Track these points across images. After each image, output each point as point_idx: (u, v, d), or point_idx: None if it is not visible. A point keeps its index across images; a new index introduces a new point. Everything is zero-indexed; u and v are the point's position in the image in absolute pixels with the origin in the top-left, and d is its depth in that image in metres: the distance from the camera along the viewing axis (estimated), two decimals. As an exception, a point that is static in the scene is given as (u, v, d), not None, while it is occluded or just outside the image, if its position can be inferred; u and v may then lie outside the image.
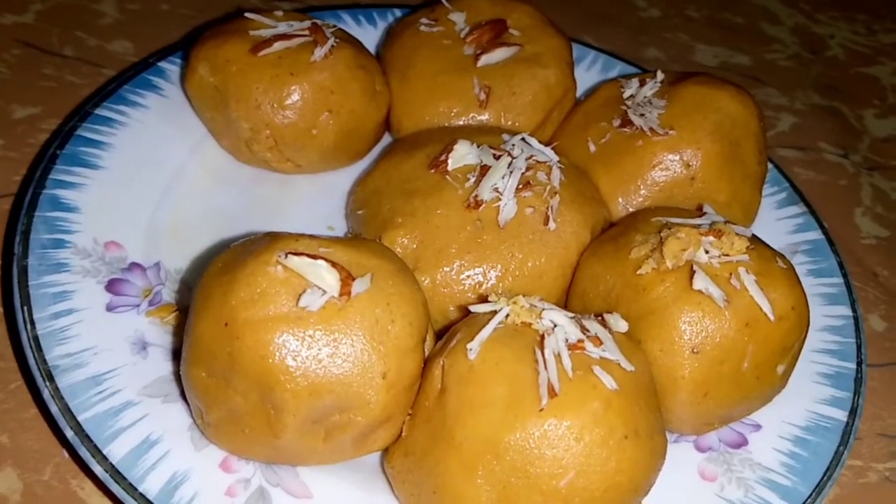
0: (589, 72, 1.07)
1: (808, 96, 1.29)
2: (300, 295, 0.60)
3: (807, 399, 0.77)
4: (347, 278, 0.61)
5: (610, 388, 0.59)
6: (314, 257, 0.61)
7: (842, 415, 0.76)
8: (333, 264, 0.61)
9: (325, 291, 0.60)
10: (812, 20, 1.46)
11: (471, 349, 0.61)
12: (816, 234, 0.93)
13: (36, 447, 0.71)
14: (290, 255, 0.61)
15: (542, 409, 0.58)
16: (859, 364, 0.80)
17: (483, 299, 0.69)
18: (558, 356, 0.60)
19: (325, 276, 0.60)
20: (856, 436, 0.76)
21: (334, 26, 0.90)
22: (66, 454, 0.71)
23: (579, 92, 0.98)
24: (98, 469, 0.62)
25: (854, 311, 0.85)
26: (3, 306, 0.80)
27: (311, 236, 0.64)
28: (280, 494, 0.65)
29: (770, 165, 0.97)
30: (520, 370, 0.60)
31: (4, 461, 0.70)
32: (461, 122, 0.90)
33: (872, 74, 1.37)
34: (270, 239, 0.63)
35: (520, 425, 0.58)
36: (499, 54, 0.93)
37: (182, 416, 0.67)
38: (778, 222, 0.94)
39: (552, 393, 0.58)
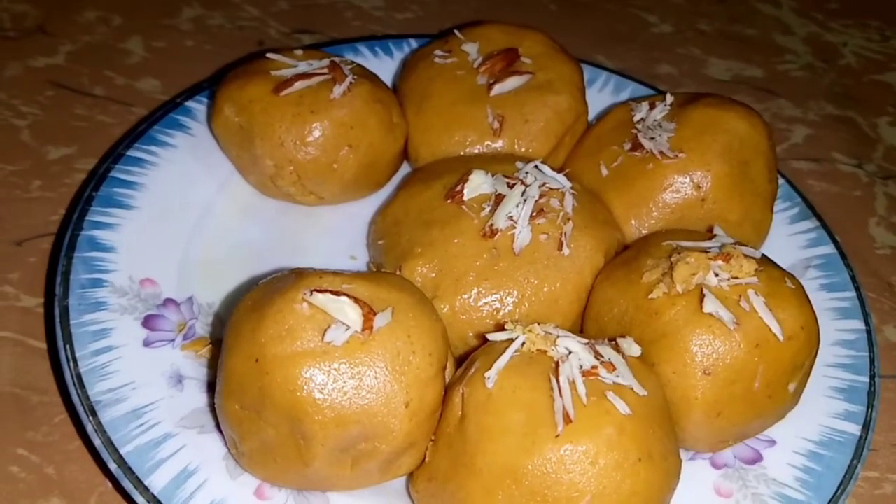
0: (601, 93, 1.10)
1: (822, 106, 1.30)
2: (325, 330, 0.63)
3: (820, 414, 0.79)
4: (370, 313, 0.64)
5: (623, 413, 0.62)
6: (337, 293, 0.64)
7: (855, 428, 0.78)
8: (356, 300, 0.64)
9: (348, 327, 0.63)
10: (825, 28, 1.47)
11: (488, 378, 0.64)
12: (829, 249, 0.94)
13: (81, 478, 0.75)
14: (314, 293, 0.64)
15: (557, 436, 0.60)
16: (872, 378, 0.82)
17: (500, 326, 0.72)
18: (573, 383, 0.63)
19: (348, 312, 0.64)
20: (870, 449, 0.77)
21: (352, 63, 0.94)
22: (109, 484, 0.75)
23: (592, 113, 1.01)
24: (140, 500, 0.66)
25: (867, 324, 0.87)
26: (47, 343, 0.85)
27: (335, 272, 0.68)
28: (312, 519, 0.68)
29: (782, 180, 0.98)
30: (536, 398, 0.63)
31: (51, 491, 0.74)
32: (476, 151, 0.93)
33: (886, 81, 1.37)
34: (296, 277, 0.67)
35: (537, 451, 0.61)
36: (511, 83, 0.95)
37: (217, 446, 0.71)
38: (790, 237, 0.96)
39: (567, 419, 0.61)
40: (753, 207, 0.88)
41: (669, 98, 0.92)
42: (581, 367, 0.64)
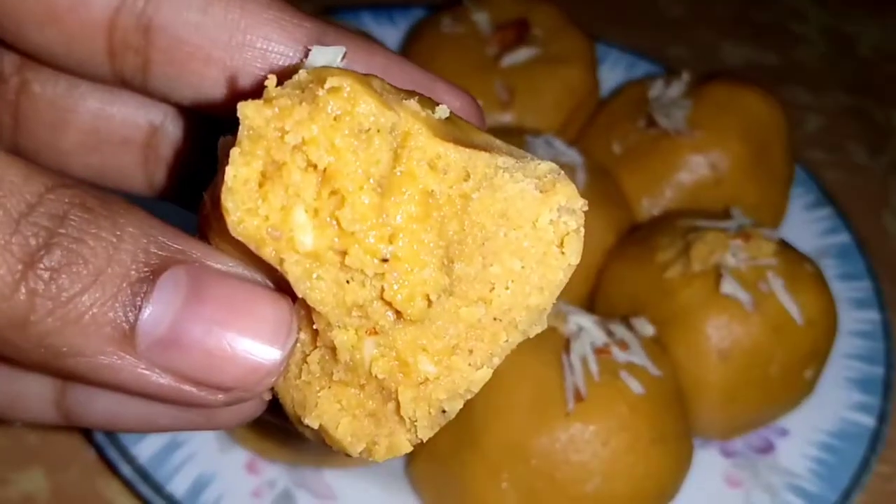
0: (613, 71, 1.07)
1: (836, 96, 1.27)
2: None
3: (834, 404, 0.76)
4: None
5: (637, 393, 0.59)
6: None
7: (870, 420, 0.75)
8: None
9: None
10: (840, 19, 1.44)
11: (496, 353, 0.61)
12: (846, 238, 0.92)
13: (64, 447, 0.72)
14: None
15: (568, 414, 0.58)
16: (888, 369, 0.79)
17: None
18: (584, 360, 0.60)
19: None
20: (884, 441, 0.75)
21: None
22: (93, 454, 0.72)
23: (603, 92, 0.98)
24: (126, 469, 0.63)
25: (883, 315, 0.84)
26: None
27: None
28: (305, 496, 0.65)
29: (798, 167, 0.96)
30: (546, 374, 0.60)
31: (33, 461, 0.71)
32: (484, 124, 0.90)
33: (902, 74, 1.34)
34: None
35: (546, 429, 0.58)
36: (521, 55, 0.92)
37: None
38: (807, 224, 0.93)
39: (578, 397, 0.58)
40: (770, 191, 0.85)
41: (686, 75, 0.89)
42: (593, 344, 0.62)
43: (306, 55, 0.32)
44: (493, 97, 0.90)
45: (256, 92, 0.30)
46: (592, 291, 0.78)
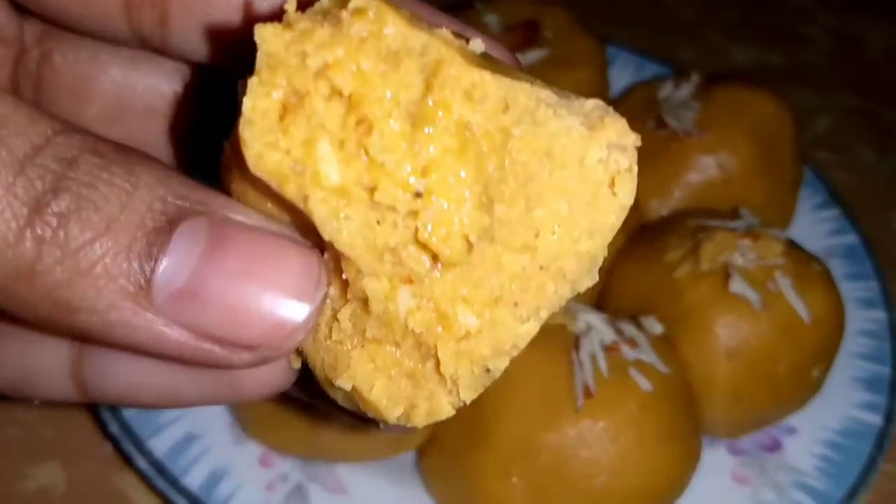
0: (622, 73, 1.07)
1: (844, 98, 1.28)
2: None
3: (841, 403, 0.77)
4: None
5: (645, 390, 0.60)
6: None
7: (877, 419, 0.76)
8: None
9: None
10: (848, 20, 1.44)
11: (507, 350, 0.62)
12: (853, 238, 0.92)
13: (80, 441, 0.73)
14: None
15: (577, 410, 0.58)
16: (895, 368, 0.80)
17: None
18: (594, 358, 0.61)
19: None
20: (891, 440, 0.75)
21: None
22: (109, 448, 0.73)
23: (613, 93, 0.99)
24: (142, 463, 0.64)
25: (890, 314, 0.84)
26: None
27: None
28: (317, 490, 0.66)
29: (806, 168, 0.96)
30: (555, 371, 0.60)
31: (49, 454, 0.72)
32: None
33: (909, 76, 1.35)
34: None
35: (555, 425, 0.59)
36: (531, 56, 0.93)
37: (222, 412, 0.69)
38: (815, 225, 0.94)
39: (588, 394, 0.59)
40: (779, 191, 0.86)
41: (695, 77, 0.90)
42: (602, 342, 0.62)
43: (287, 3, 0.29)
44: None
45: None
46: (601, 290, 0.78)
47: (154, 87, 0.39)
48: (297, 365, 0.32)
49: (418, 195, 0.27)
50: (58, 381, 0.34)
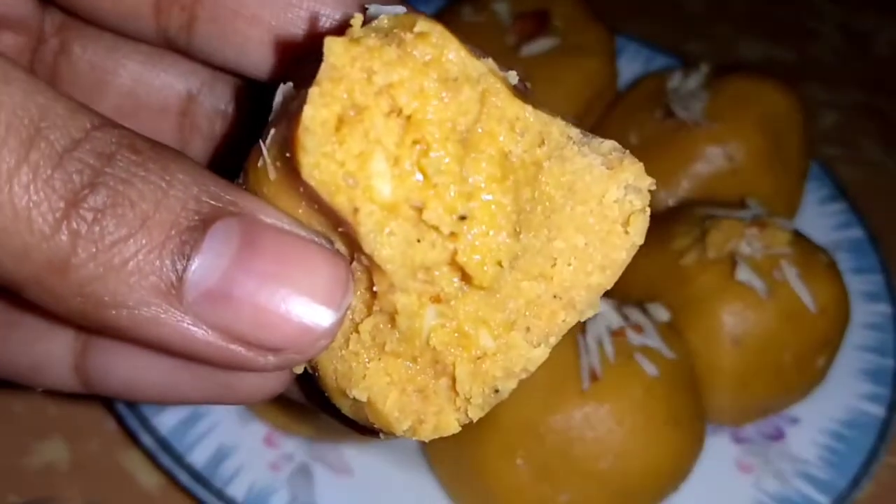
0: (631, 64, 1.07)
1: (851, 93, 1.28)
2: None
3: (845, 394, 0.77)
4: None
5: (651, 375, 0.60)
6: None
7: (880, 410, 0.76)
8: None
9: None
10: (857, 16, 1.44)
11: (513, 333, 0.62)
12: (859, 232, 0.92)
13: (85, 417, 0.73)
14: None
15: (583, 393, 0.59)
16: (899, 360, 0.80)
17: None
18: (600, 342, 0.61)
19: None
20: (894, 431, 0.75)
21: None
22: (114, 425, 0.73)
23: (621, 84, 0.99)
24: (147, 440, 0.64)
25: (894, 308, 0.85)
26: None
27: None
28: (322, 470, 0.66)
29: (813, 163, 0.96)
30: (561, 355, 0.61)
31: (54, 430, 0.72)
32: (503, 112, 0.91)
33: (918, 73, 1.35)
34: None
35: (561, 408, 0.59)
36: (541, 44, 0.93)
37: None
38: (822, 218, 0.94)
39: (594, 377, 0.59)
40: (786, 182, 0.86)
41: (704, 68, 0.90)
42: (609, 327, 0.63)
43: (354, 19, 0.29)
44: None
45: (305, 49, 0.28)
46: (607, 278, 0.78)
47: (170, 86, 0.40)
48: (300, 370, 0.32)
49: (462, 218, 0.28)
50: (61, 371, 0.34)
